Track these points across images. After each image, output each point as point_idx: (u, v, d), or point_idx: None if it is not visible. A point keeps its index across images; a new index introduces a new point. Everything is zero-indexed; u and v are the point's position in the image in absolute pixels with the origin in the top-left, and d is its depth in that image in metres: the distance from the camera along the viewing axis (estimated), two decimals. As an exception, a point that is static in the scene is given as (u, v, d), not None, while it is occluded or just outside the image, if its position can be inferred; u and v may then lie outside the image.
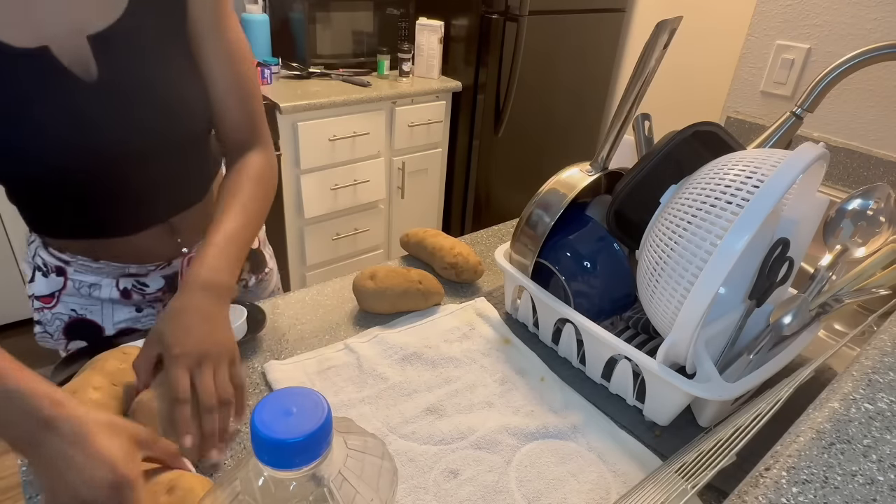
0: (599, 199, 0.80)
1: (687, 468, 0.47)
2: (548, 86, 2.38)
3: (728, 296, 0.70)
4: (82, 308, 0.77)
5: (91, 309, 0.77)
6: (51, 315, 0.77)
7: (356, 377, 0.69)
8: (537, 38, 2.20)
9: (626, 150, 0.80)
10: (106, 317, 0.78)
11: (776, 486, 0.34)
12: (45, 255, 0.75)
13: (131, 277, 0.77)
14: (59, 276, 0.75)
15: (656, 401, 0.64)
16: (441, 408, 0.66)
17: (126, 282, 0.77)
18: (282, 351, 0.73)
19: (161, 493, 0.47)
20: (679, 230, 0.58)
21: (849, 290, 0.67)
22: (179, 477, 0.49)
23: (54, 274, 0.75)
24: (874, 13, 1.19)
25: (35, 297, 0.76)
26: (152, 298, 0.80)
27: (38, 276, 0.76)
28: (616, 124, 0.70)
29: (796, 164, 0.54)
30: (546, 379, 0.72)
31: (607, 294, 0.73)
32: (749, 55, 1.41)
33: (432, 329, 0.79)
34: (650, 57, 0.66)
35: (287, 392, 0.33)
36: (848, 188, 1.25)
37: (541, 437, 0.63)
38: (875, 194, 0.75)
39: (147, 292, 0.79)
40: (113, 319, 0.78)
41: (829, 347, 0.64)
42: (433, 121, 2.24)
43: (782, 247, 0.62)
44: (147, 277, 0.78)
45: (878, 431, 0.38)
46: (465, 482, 0.57)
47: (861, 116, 1.25)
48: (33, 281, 0.76)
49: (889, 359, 0.45)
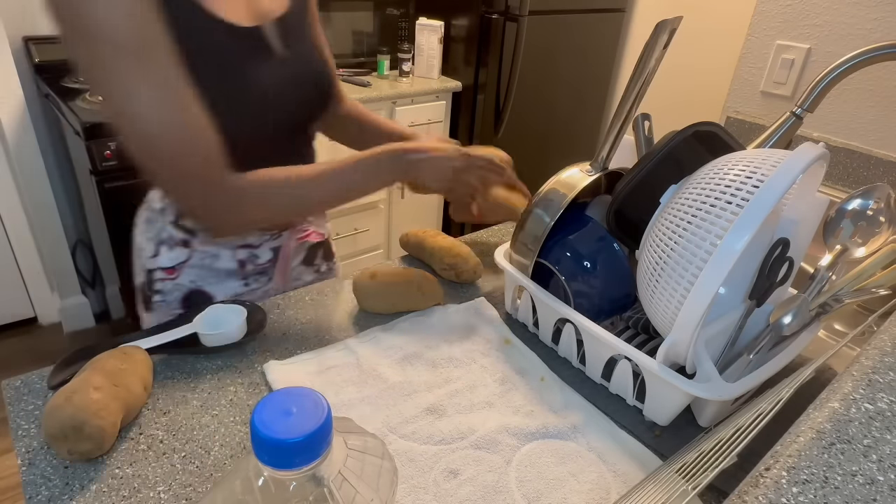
0: (599, 199, 0.80)
1: (687, 468, 0.47)
2: (548, 86, 2.38)
3: (728, 296, 0.70)
4: (200, 279, 0.85)
5: (208, 280, 0.86)
6: (171, 285, 0.85)
7: (356, 377, 0.69)
8: (537, 38, 2.20)
9: (626, 150, 0.80)
10: (218, 288, 0.87)
11: (776, 486, 0.34)
12: (172, 230, 0.83)
13: (247, 249, 0.86)
14: (185, 247, 0.84)
15: (656, 401, 0.64)
16: (441, 408, 0.66)
17: (242, 253, 0.86)
18: (282, 351, 0.73)
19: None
20: (679, 230, 0.59)
21: (849, 290, 0.67)
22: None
23: (179, 247, 0.83)
24: (874, 13, 1.19)
25: (160, 269, 0.85)
26: (259, 270, 0.88)
27: (162, 249, 0.84)
28: (616, 124, 0.70)
29: (796, 164, 0.54)
30: (546, 379, 0.72)
31: (607, 294, 0.73)
32: (749, 55, 1.41)
33: (432, 329, 0.79)
34: (650, 57, 0.66)
35: (287, 392, 0.33)
36: (848, 188, 1.25)
37: (541, 437, 0.63)
38: (875, 194, 0.75)
39: (258, 262, 0.87)
40: (224, 289, 0.87)
41: (829, 347, 0.64)
42: (433, 121, 2.24)
43: (782, 247, 0.62)
44: (259, 249, 0.87)
45: (878, 431, 0.38)
46: (465, 482, 0.57)
47: (861, 116, 1.25)
48: (157, 255, 0.84)
49: (889, 359, 0.45)
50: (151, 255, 0.84)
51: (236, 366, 0.70)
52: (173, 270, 0.84)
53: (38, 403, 0.62)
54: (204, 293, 0.86)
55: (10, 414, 0.61)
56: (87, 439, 0.53)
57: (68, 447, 0.53)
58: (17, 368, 1.63)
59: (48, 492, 0.53)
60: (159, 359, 0.69)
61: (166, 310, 0.86)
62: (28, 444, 0.57)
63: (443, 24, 2.20)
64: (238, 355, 0.71)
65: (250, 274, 0.88)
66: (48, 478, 0.54)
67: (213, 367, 0.69)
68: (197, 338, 0.70)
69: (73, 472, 0.55)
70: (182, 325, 0.71)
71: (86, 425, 0.53)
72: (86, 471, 0.55)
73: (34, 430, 0.59)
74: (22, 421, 0.60)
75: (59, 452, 0.54)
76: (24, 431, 0.59)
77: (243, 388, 0.66)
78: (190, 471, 0.56)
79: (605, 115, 2.73)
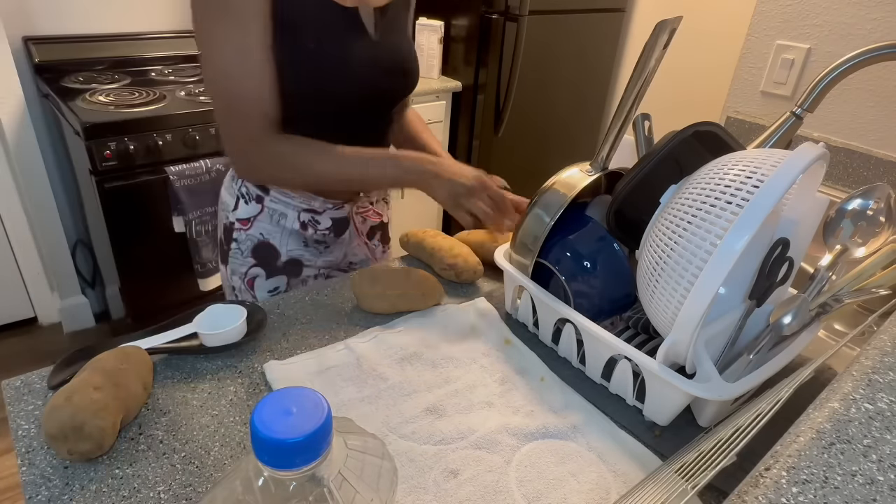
0: (599, 199, 0.80)
1: (687, 468, 0.47)
2: (548, 86, 2.38)
3: (728, 296, 0.70)
4: (268, 233, 0.94)
5: (274, 235, 0.94)
6: (245, 236, 0.95)
7: (356, 377, 0.69)
8: (537, 38, 2.20)
9: (626, 150, 0.80)
10: (283, 243, 0.95)
11: (776, 486, 0.34)
12: (250, 185, 0.92)
13: (310, 213, 0.94)
14: (258, 203, 0.93)
15: (656, 401, 0.64)
16: (441, 408, 0.66)
17: (305, 216, 0.94)
18: (282, 351, 0.73)
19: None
20: (679, 230, 0.58)
21: (849, 290, 0.67)
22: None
23: (254, 202, 0.93)
24: (874, 13, 1.19)
25: (237, 220, 0.94)
26: (319, 237, 0.97)
27: (241, 203, 0.93)
28: (616, 124, 0.70)
29: (796, 164, 0.54)
30: (546, 379, 0.72)
31: (607, 294, 0.73)
32: (749, 55, 1.41)
33: (432, 329, 0.79)
34: (650, 57, 0.66)
35: (287, 392, 0.33)
36: (848, 188, 1.25)
37: (541, 437, 0.63)
38: (875, 194, 0.75)
39: (318, 228, 0.96)
40: (287, 247, 0.96)
41: (829, 347, 0.64)
42: (433, 121, 2.24)
43: (782, 247, 0.62)
44: (322, 215, 0.95)
45: (878, 431, 0.38)
46: (465, 482, 0.57)
47: (861, 116, 1.25)
48: (237, 208, 0.94)
49: (889, 359, 0.45)
50: (232, 207, 0.94)
51: (236, 366, 0.70)
52: (247, 222, 0.94)
53: (38, 403, 0.62)
54: (272, 246, 0.95)
55: (10, 414, 0.61)
56: (87, 439, 0.53)
57: (68, 447, 0.53)
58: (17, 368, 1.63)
59: (48, 492, 0.53)
60: (159, 359, 0.69)
61: (240, 259, 0.96)
62: (28, 444, 0.57)
63: (443, 24, 2.20)
64: (238, 355, 0.71)
65: (310, 238, 0.96)
66: (48, 478, 0.54)
67: (213, 367, 0.69)
68: (197, 338, 0.70)
69: (73, 472, 0.55)
70: (182, 326, 0.71)
71: (86, 425, 0.53)
72: (86, 471, 0.55)
73: (34, 430, 0.59)
74: (22, 421, 0.60)
75: (59, 453, 0.54)
76: (24, 431, 0.59)
77: (243, 388, 0.66)
78: (190, 471, 0.56)
79: (605, 115, 2.73)
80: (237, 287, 0.98)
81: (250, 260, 0.96)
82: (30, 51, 1.85)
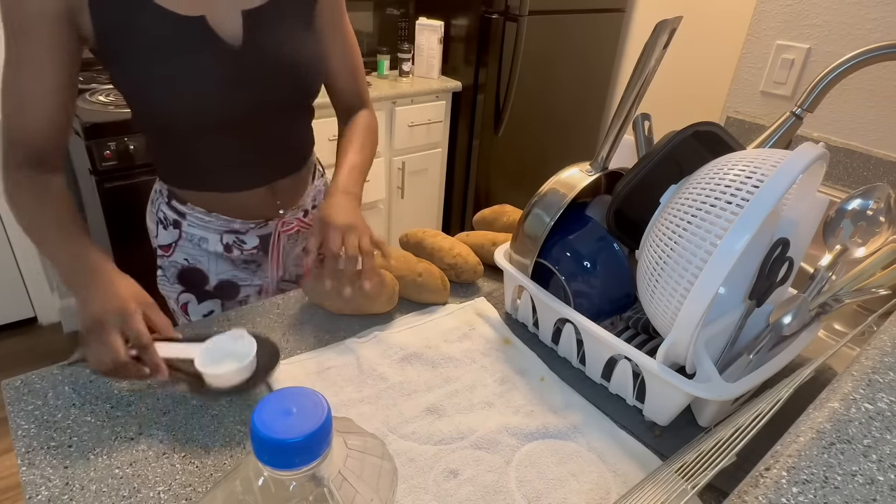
0: (599, 199, 0.80)
1: (687, 468, 0.47)
2: (548, 86, 2.38)
3: (728, 296, 0.70)
4: (192, 258, 0.90)
5: (200, 259, 0.90)
6: (168, 262, 0.91)
7: (356, 377, 0.69)
8: (537, 38, 2.20)
9: (626, 150, 0.80)
10: (210, 268, 0.91)
11: (776, 486, 0.34)
12: (166, 209, 0.88)
13: (233, 234, 0.89)
14: (176, 228, 0.88)
15: (656, 401, 0.64)
16: (441, 408, 0.66)
17: (228, 237, 0.89)
18: (282, 351, 0.73)
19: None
20: (679, 230, 0.58)
21: (849, 290, 0.67)
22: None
23: (172, 227, 0.88)
24: (874, 13, 1.19)
25: (159, 247, 0.91)
26: (247, 257, 0.92)
27: (160, 228, 0.89)
28: (616, 124, 0.70)
29: (796, 164, 0.54)
30: (546, 379, 0.72)
31: (607, 294, 0.73)
32: (749, 55, 1.41)
33: (432, 329, 0.79)
34: (650, 57, 0.66)
35: (287, 392, 0.33)
36: (848, 188, 1.25)
37: (541, 437, 0.63)
38: (875, 194, 0.75)
39: (245, 248, 0.91)
40: (216, 270, 0.91)
41: (829, 347, 0.64)
42: (433, 121, 2.24)
43: (782, 247, 0.62)
44: (246, 235, 0.90)
45: (878, 431, 0.38)
46: (465, 482, 0.57)
47: (861, 116, 1.25)
48: (157, 235, 0.90)
49: (889, 359, 0.45)
50: (154, 234, 0.91)
51: (236, 366, 0.70)
52: (168, 248, 0.90)
53: (38, 403, 0.62)
54: (198, 271, 0.91)
55: (10, 414, 0.61)
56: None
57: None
58: (17, 368, 1.63)
59: (48, 492, 0.53)
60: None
61: (168, 287, 0.92)
62: (28, 444, 0.57)
63: (443, 24, 2.20)
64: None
65: (238, 259, 0.92)
66: (48, 478, 0.54)
67: (213, 367, 0.69)
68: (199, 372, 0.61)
69: (73, 473, 0.55)
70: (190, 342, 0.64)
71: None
72: (86, 471, 0.55)
73: (34, 430, 0.59)
74: (22, 421, 0.60)
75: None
76: (24, 431, 0.59)
77: (243, 388, 0.66)
78: (190, 471, 0.56)
79: (605, 115, 2.73)
80: (174, 310, 0.94)
81: (178, 287, 0.92)
82: (30, 51, 1.85)
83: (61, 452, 0.57)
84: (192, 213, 0.86)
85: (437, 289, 0.83)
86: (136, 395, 0.64)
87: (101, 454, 0.57)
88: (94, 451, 0.57)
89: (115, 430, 0.60)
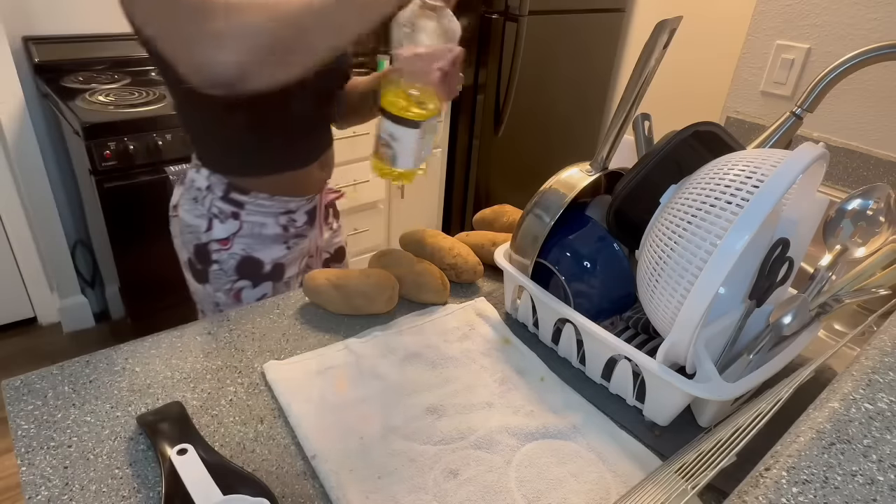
0: (599, 199, 0.80)
1: (687, 468, 0.47)
2: (548, 86, 2.38)
3: (728, 296, 0.70)
4: (250, 248, 0.93)
5: (256, 248, 0.94)
6: (227, 255, 0.93)
7: (356, 377, 0.69)
8: (537, 38, 2.20)
9: (626, 150, 0.80)
10: (266, 253, 0.95)
11: (776, 486, 0.34)
12: (221, 204, 0.90)
13: (287, 215, 0.95)
14: (235, 219, 0.91)
15: (656, 401, 0.64)
16: (441, 408, 0.66)
17: (283, 219, 0.95)
18: (282, 351, 0.73)
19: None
20: (679, 230, 0.58)
21: (849, 290, 0.67)
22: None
23: (231, 219, 0.91)
24: (874, 13, 1.19)
25: (214, 241, 0.92)
26: (298, 233, 0.98)
27: (215, 223, 0.91)
28: (616, 124, 0.70)
29: (796, 164, 0.54)
30: (546, 379, 0.72)
31: (607, 294, 0.73)
32: (749, 55, 1.41)
33: (432, 329, 0.79)
34: (650, 57, 0.66)
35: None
36: (848, 188, 1.25)
37: (541, 437, 0.63)
38: (875, 194, 0.75)
39: (297, 226, 0.97)
40: (271, 255, 0.95)
41: (829, 347, 0.64)
42: (433, 121, 2.24)
43: (782, 247, 0.62)
44: (297, 213, 0.96)
45: (878, 431, 0.38)
46: (465, 482, 0.57)
47: (861, 116, 1.25)
48: (210, 229, 0.92)
49: (889, 359, 0.45)
50: (204, 229, 0.92)
51: (236, 366, 0.70)
52: (227, 241, 0.92)
53: (38, 403, 0.62)
54: (255, 259, 0.94)
55: (10, 414, 0.61)
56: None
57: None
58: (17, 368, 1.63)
59: (48, 492, 0.53)
60: (158, 358, 0.69)
61: (224, 278, 0.94)
62: (28, 444, 0.57)
63: (443, 24, 2.20)
64: (238, 355, 0.71)
65: (291, 237, 0.97)
66: (48, 478, 0.54)
67: (213, 368, 0.69)
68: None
69: (73, 473, 0.55)
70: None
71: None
72: (86, 471, 0.55)
73: (34, 430, 0.59)
74: (22, 421, 0.60)
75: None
76: (24, 431, 0.59)
77: (243, 388, 0.66)
78: (190, 471, 0.56)
79: (605, 115, 2.73)
80: (221, 302, 0.96)
81: (234, 276, 0.94)
82: (30, 51, 1.85)
83: (61, 452, 0.57)
84: (254, 201, 0.91)
85: (436, 289, 0.83)
86: (136, 396, 0.64)
87: (101, 454, 0.57)
88: (94, 451, 0.57)
89: (114, 430, 0.60)
